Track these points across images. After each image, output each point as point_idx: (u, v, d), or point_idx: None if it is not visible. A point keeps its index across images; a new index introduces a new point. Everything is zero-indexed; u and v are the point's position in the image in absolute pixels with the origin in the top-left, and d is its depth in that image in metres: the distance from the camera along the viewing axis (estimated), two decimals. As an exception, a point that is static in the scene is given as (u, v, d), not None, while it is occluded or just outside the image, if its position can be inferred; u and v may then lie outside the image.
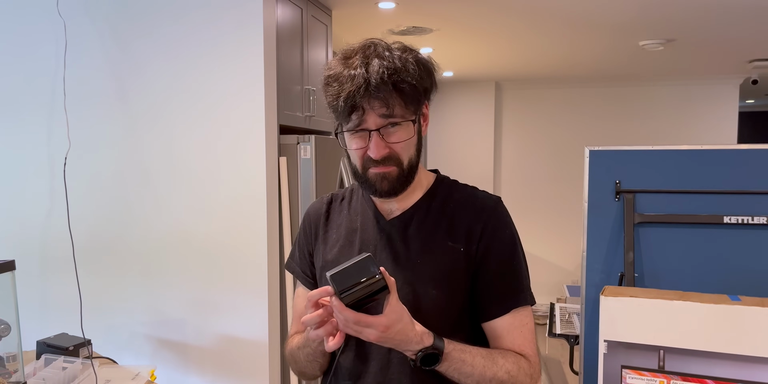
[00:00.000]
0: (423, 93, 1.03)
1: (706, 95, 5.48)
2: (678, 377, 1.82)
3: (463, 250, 1.06)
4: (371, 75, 0.97)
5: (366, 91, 0.97)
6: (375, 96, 0.97)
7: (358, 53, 1.01)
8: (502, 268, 1.08)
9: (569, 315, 3.48)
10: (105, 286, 2.52)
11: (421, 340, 0.97)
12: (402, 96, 0.99)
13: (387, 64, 0.98)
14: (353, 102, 0.98)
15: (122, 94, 2.48)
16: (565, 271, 5.66)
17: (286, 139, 2.57)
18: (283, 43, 2.55)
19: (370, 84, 0.97)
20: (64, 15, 2.43)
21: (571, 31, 3.63)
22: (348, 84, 0.98)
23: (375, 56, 1.00)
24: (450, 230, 1.08)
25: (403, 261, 1.07)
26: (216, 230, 2.43)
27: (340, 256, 1.12)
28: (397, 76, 0.98)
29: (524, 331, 1.08)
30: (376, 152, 1.02)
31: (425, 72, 1.03)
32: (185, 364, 2.49)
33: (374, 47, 1.01)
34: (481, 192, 1.14)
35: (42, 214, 2.57)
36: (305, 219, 1.23)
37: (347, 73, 0.98)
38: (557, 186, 5.72)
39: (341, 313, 0.91)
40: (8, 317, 1.69)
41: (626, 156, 2.40)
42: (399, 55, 1.01)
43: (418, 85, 1.00)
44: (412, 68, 1.00)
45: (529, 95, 5.87)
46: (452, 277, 1.06)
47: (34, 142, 2.55)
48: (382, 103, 0.98)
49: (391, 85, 0.98)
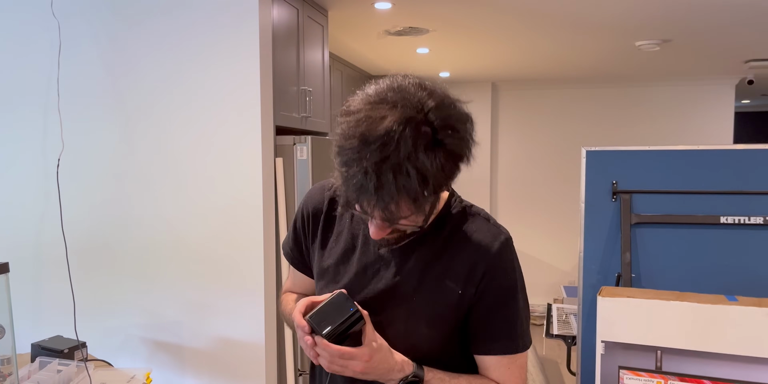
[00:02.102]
0: (446, 182, 0.91)
1: (702, 95, 5.49)
2: (675, 378, 1.81)
3: (461, 292, 1.01)
4: (382, 188, 0.85)
5: (371, 203, 0.88)
6: (380, 206, 0.88)
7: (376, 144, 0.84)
8: (497, 314, 1.03)
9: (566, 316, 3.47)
10: (100, 288, 2.51)
11: (402, 368, 0.99)
12: (415, 201, 0.87)
13: (404, 183, 0.84)
14: (357, 205, 0.90)
15: (117, 96, 2.47)
16: (562, 271, 5.66)
17: (282, 140, 2.56)
18: (279, 43, 2.54)
19: (378, 197, 0.86)
20: (58, 15, 2.42)
21: (568, 31, 3.63)
22: (353, 191, 0.87)
23: (390, 162, 0.84)
24: (450, 269, 1.02)
25: (398, 295, 1.03)
26: (212, 232, 2.42)
27: (336, 274, 1.09)
28: (409, 191, 0.85)
29: (512, 369, 1.05)
30: (375, 235, 0.97)
31: (453, 164, 0.89)
32: (181, 367, 2.48)
33: (395, 141, 0.84)
34: (490, 227, 1.05)
35: (36, 216, 2.56)
36: (304, 207, 1.17)
37: (357, 178, 0.85)
38: (554, 187, 5.72)
39: (325, 350, 0.94)
40: (2, 320, 1.68)
41: (623, 156, 2.40)
42: (422, 163, 0.84)
43: (438, 182, 0.88)
44: (435, 179, 0.86)
45: (525, 96, 5.87)
46: (446, 317, 1.02)
47: (28, 144, 2.54)
48: (385, 211, 0.88)
49: (396, 197, 0.86)
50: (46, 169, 2.52)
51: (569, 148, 5.61)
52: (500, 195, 5.91)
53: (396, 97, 0.88)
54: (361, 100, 0.90)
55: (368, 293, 1.05)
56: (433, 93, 0.91)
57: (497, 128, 5.96)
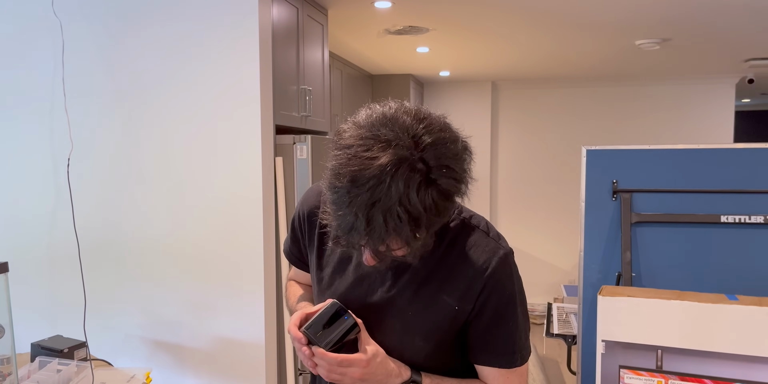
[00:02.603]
0: (440, 220, 0.89)
1: (702, 94, 5.49)
2: (676, 377, 1.81)
3: (458, 308, 1.00)
4: (373, 233, 0.84)
5: (362, 244, 0.89)
6: (371, 247, 0.89)
7: (366, 187, 0.81)
8: (495, 330, 1.02)
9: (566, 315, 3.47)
10: (100, 287, 2.51)
11: (400, 373, 1.00)
12: (406, 240, 0.86)
13: (395, 226, 0.82)
14: (346, 244, 0.90)
15: (118, 95, 2.47)
16: (563, 270, 5.66)
17: (282, 139, 2.56)
18: (278, 42, 2.54)
19: (369, 239, 0.85)
20: (59, 14, 2.42)
21: (568, 30, 3.63)
22: (343, 233, 0.86)
23: (381, 213, 0.82)
24: (448, 283, 1.01)
25: (393, 308, 1.03)
26: (212, 231, 2.42)
27: (331, 283, 1.09)
28: (400, 231, 0.84)
29: (512, 378, 1.05)
30: (368, 263, 0.95)
31: (447, 206, 0.87)
32: (181, 367, 2.48)
33: (386, 183, 0.81)
34: (490, 241, 1.02)
35: (43, 216, 2.55)
36: (300, 210, 1.16)
37: (346, 219, 0.84)
38: (554, 186, 5.72)
39: (323, 359, 0.95)
40: (2, 320, 1.68)
41: (623, 155, 2.40)
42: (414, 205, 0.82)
43: (431, 221, 0.86)
44: (427, 220, 0.84)
45: (525, 95, 5.87)
46: (441, 332, 1.02)
47: (37, 143, 2.54)
48: (376, 249, 0.89)
49: (393, 236, 0.85)
50: (56, 168, 2.52)
51: (569, 147, 5.61)
52: (500, 194, 5.91)
53: (389, 134, 0.84)
54: (352, 134, 0.86)
55: (363, 304, 1.04)
56: (430, 126, 0.86)
57: (497, 127, 5.95)
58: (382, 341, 1.02)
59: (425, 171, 0.83)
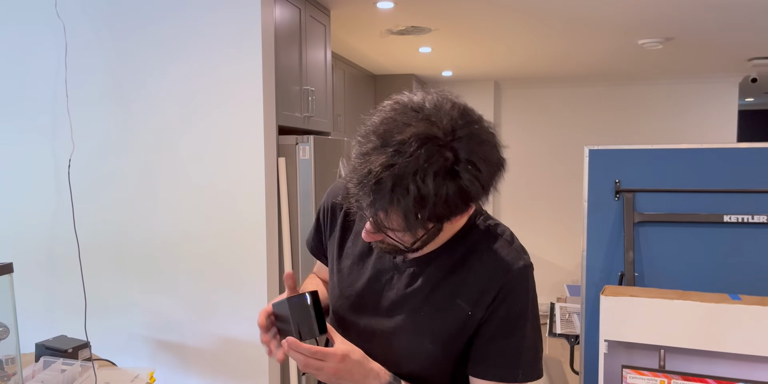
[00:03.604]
0: (448, 215, 0.87)
1: (705, 94, 5.48)
2: (679, 377, 1.81)
3: (471, 313, 0.98)
4: (379, 192, 0.82)
5: (366, 203, 0.85)
6: (373, 210, 0.86)
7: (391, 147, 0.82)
8: (499, 339, 0.99)
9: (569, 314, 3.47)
10: (103, 288, 2.52)
11: (378, 375, 0.97)
12: (408, 219, 0.84)
13: (399, 197, 0.82)
14: (353, 200, 0.88)
15: (121, 96, 2.48)
16: (565, 270, 5.66)
17: (285, 140, 2.57)
18: (281, 43, 2.54)
19: (374, 200, 0.83)
20: (62, 16, 2.42)
21: (570, 29, 3.62)
22: (354, 184, 0.85)
23: (392, 178, 0.81)
24: (463, 287, 0.99)
25: (407, 307, 1.02)
26: (215, 231, 2.42)
27: (351, 273, 1.09)
28: (406, 206, 0.82)
29: None
30: (364, 236, 0.95)
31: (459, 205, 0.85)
32: (184, 366, 2.49)
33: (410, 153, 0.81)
34: (512, 251, 1.01)
35: (46, 216, 2.56)
36: (325, 202, 1.17)
37: (362, 171, 0.83)
38: (557, 185, 5.72)
39: (298, 349, 0.92)
40: (6, 320, 1.69)
41: (626, 155, 2.40)
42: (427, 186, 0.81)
43: (440, 211, 0.84)
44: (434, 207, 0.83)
45: (528, 94, 5.87)
46: (451, 335, 1.00)
47: (40, 145, 2.55)
48: (377, 217, 0.87)
49: (398, 207, 0.83)
50: (57, 169, 2.53)
51: (572, 146, 5.60)
52: (503, 194, 5.91)
53: (432, 112, 0.84)
54: (402, 100, 0.88)
55: (378, 300, 1.05)
56: (473, 125, 0.85)
57: (500, 127, 5.94)
58: (392, 338, 1.02)
59: (452, 160, 0.82)
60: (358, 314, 1.07)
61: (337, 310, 1.10)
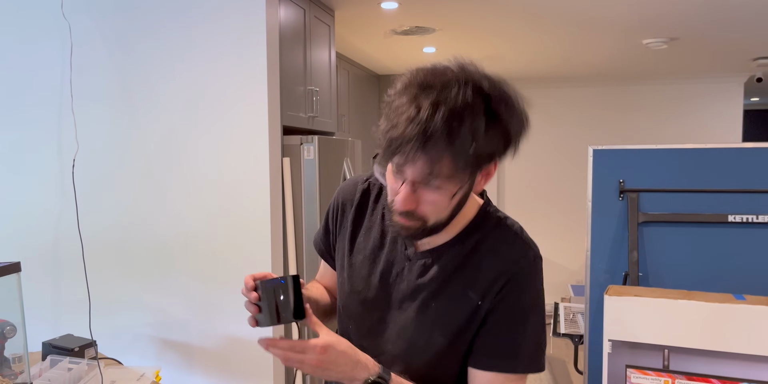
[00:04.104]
0: (488, 158, 0.89)
1: (710, 93, 5.47)
2: (683, 376, 1.81)
3: (480, 304, 0.98)
4: (430, 128, 0.82)
5: (416, 144, 0.83)
6: (424, 152, 0.84)
7: (435, 89, 0.84)
8: (503, 329, 0.98)
9: (573, 314, 3.47)
10: (110, 287, 2.53)
11: (367, 366, 0.94)
12: (456, 161, 0.84)
13: (453, 123, 0.82)
14: (399, 147, 0.85)
15: (126, 96, 2.49)
16: (569, 270, 5.66)
17: (290, 140, 2.58)
18: (285, 43, 2.55)
19: (425, 137, 0.82)
20: (68, 16, 2.44)
21: (574, 30, 3.62)
22: (401, 127, 0.84)
23: (448, 105, 0.83)
24: (473, 279, 0.99)
25: (417, 299, 1.02)
26: (220, 231, 2.43)
27: (362, 267, 1.09)
28: (458, 143, 0.83)
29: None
30: (401, 204, 0.92)
31: (500, 132, 0.88)
32: (190, 365, 2.50)
33: (455, 89, 0.84)
34: (523, 242, 1.02)
35: (51, 215, 2.58)
36: (335, 200, 1.17)
37: (409, 112, 0.84)
38: (560, 185, 5.71)
39: (276, 345, 0.92)
40: (14, 318, 1.70)
41: (630, 155, 2.40)
42: (479, 112, 0.84)
43: (484, 151, 0.86)
44: (483, 132, 0.84)
45: (532, 94, 5.75)
46: (461, 327, 1.00)
47: (44, 144, 2.56)
48: (427, 161, 0.85)
49: (444, 146, 0.83)
50: (62, 169, 2.54)
51: (576, 146, 5.59)
52: (507, 193, 5.91)
53: (458, 69, 0.89)
54: (424, 66, 0.91)
55: (390, 293, 1.05)
56: (494, 79, 0.91)
57: (504, 127, 5.95)
58: (401, 330, 1.02)
59: (487, 100, 0.86)
60: (369, 308, 1.07)
61: (348, 306, 1.10)
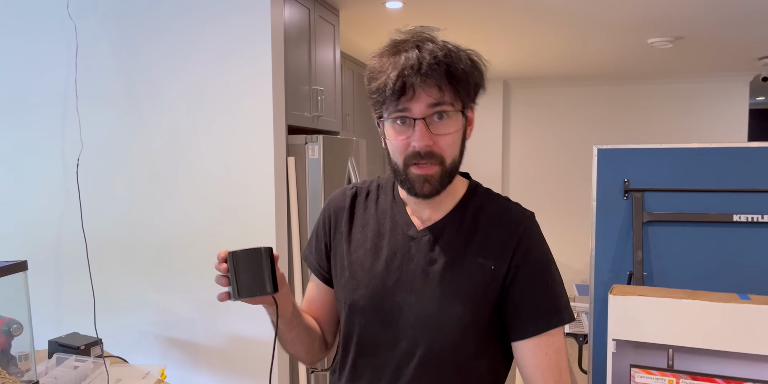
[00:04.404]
0: (474, 87, 1.01)
1: (715, 93, 5.45)
2: (687, 376, 1.81)
3: (494, 267, 1.02)
4: (425, 56, 0.94)
5: (418, 72, 0.93)
6: (427, 77, 0.93)
7: (409, 40, 0.99)
8: (535, 289, 1.03)
9: (578, 314, 3.47)
10: (115, 285, 2.54)
11: None
12: (454, 83, 0.96)
13: (440, 47, 0.97)
14: (403, 83, 0.93)
15: (131, 96, 2.50)
16: (574, 269, 5.65)
17: (294, 139, 2.58)
18: (290, 43, 2.56)
19: (423, 65, 0.93)
20: (74, 17, 2.45)
21: (579, 29, 3.62)
22: (400, 64, 0.94)
23: (428, 41, 0.98)
24: (481, 246, 1.04)
25: (431, 274, 1.04)
26: (225, 230, 2.44)
27: (364, 260, 1.10)
28: (450, 61, 0.96)
29: (550, 354, 1.03)
30: (420, 141, 0.96)
31: (476, 67, 1.01)
32: (195, 364, 2.51)
33: (426, 36, 1.00)
34: (515, 205, 1.10)
35: (55, 214, 2.59)
36: (326, 210, 1.19)
37: (400, 56, 0.96)
38: (565, 185, 5.71)
39: None
40: (21, 317, 1.71)
41: (635, 154, 2.39)
42: (451, 45, 1.00)
43: (470, 75, 0.99)
44: (464, 56, 0.99)
45: (537, 94, 5.86)
46: (480, 295, 1.02)
47: (49, 144, 2.58)
48: (433, 86, 0.94)
49: (445, 68, 0.95)
50: (65, 168, 2.55)
51: (581, 146, 5.59)
52: (511, 193, 5.90)
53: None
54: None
55: (402, 275, 1.05)
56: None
57: (509, 126, 5.94)
58: (423, 307, 1.03)
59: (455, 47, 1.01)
60: (381, 298, 1.07)
61: (356, 302, 1.09)
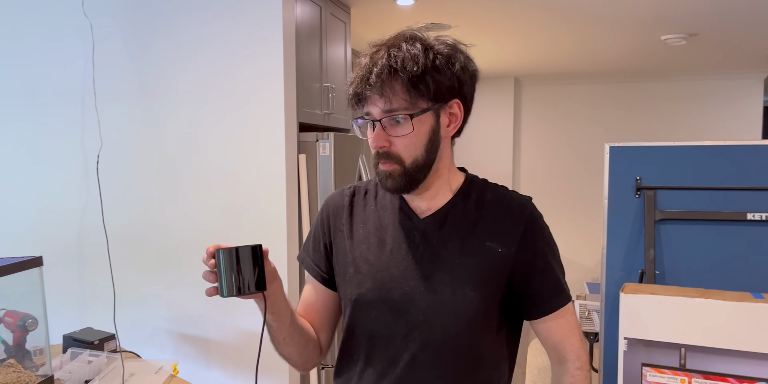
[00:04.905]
0: (441, 87, 1.01)
1: (729, 90, 5.40)
2: (699, 375, 1.80)
3: (501, 250, 1.06)
4: (374, 65, 0.99)
5: (367, 82, 0.99)
6: (375, 86, 0.98)
7: (384, 44, 1.03)
8: (544, 271, 1.09)
9: (589, 312, 3.46)
10: (128, 281, 2.56)
11: None
12: (409, 88, 0.98)
13: (395, 54, 0.98)
14: (356, 93, 1.01)
15: (145, 93, 2.52)
16: (585, 268, 5.63)
17: (305, 137, 2.59)
18: (302, 40, 2.56)
19: (372, 75, 0.98)
20: (89, 15, 2.47)
21: (591, 25, 3.59)
22: (357, 75, 1.01)
23: (390, 47, 1.00)
24: (487, 230, 1.07)
25: (441, 260, 1.05)
26: (237, 227, 2.45)
27: (369, 253, 1.10)
28: (404, 66, 0.97)
29: (570, 319, 1.11)
30: (373, 143, 1.02)
31: (441, 67, 1.00)
32: (207, 359, 2.53)
33: (399, 38, 1.02)
34: (513, 192, 1.14)
35: (75, 211, 2.62)
36: (324, 211, 1.20)
37: (361, 65, 1.02)
38: (577, 183, 5.68)
39: None
40: (36, 312, 1.73)
41: (647, 152, 2.38)
42: (418, 46, 1.00)
43: (426, 79, 0.99)
44: (424, 61, 0.98)
45: (548, 91, 5.83)
46: (489, 278, 1.05)
47: (69, 141, 2.60)
48: (382, 94, 0.99)
49: (394, 76, 0.98)
50: (86, 165, 2.58)
51: (592, 143, 5.56)
52: (523, 190, 5.85)
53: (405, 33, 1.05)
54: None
55: (409, 263, 1.06)
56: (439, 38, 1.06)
57: (520, 124, 5.92)
58: (435, 294, 1.04)
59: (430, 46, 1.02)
60: (388, 290, 1.07)
61: (365, 295, 1.10)
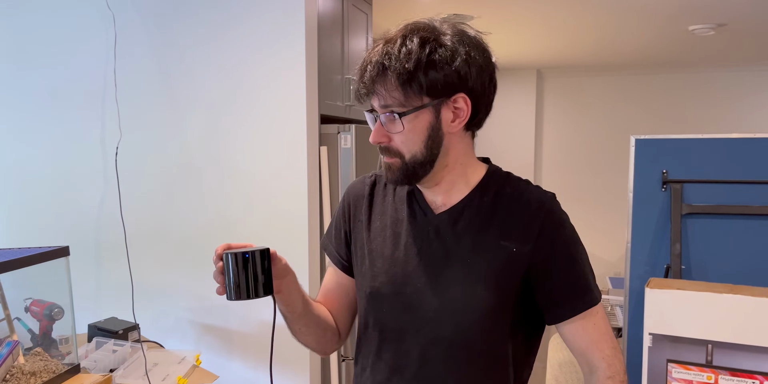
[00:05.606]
0: (428, 85, 0.96)
1: (758, 82, 5.28)
2: (727, 372, 1.77)
3: (516, 250, 1.02)
4: (369, 62, 0.99)
5: (362, 80, 1.00)
6: (369, 83, 0.99)
7: (383, 38, 1.02)
8: (566, 270, 1.04)
9: (611, 307, 3.42)
10: (152, 272, 2.59)
11: None
12: (401, 81, 0.97)
13: (389, 50, 0.97)
14: (356, 89, 1.02)
15: (167, 86, 2.53)
16: (608, 262, 5.57)
17: (327, 129, 2.59)
18: (324, 32, 2.55)
19: (366, 73, 0.99)
20: (112, 7, 2.49)
21: (616, 16, 3.53)
22: (357, 74, 1.02)
23: (387, 42, 0.99)
24: (502, 228, 1.03)
25: (453, 258, 1.04)
26: (258, 219, 2.46)
27: (384, 247, 1.10)
28: (396, 63, 0.96)
29: (599, 324, 1.06)
30: (372, 137, 1.03)
31: (443, 61, 0.96)
32: (228, 350, 2.55)
33: (401, 31, 1.00)
34: (535, 187, 1.09)
35: (96, 202, 2.65)
36: (345, 198, 1.20)
37: (363, 63, 1.02)
38: (601, 176, 5.61)
39: None
40: (62, 301, 1.76)
41: (674, 145, 2.33)
42: (416, 40, 0.96)
43: (417, 75, 0.95)
44: (417, 57, 0.95)
45: (571, 83, 5.76)
46: (503, 277, 1.02)
47: (89, 133, 2.63)
48: (376, 91, 0.99)
49: (383, 73, 0.97)
50: (105, 157, 2.61)
51: (617, 136, 5.48)
52: (545, 184, 5.82)
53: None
54: None
55: (422, 259, 1.05)
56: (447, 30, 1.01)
57: (542, 116, 5.86)
58: (446, 291, 1.03)
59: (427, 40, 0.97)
60: (401, 284, 1.07)
61: (378, 290, 1.10)
